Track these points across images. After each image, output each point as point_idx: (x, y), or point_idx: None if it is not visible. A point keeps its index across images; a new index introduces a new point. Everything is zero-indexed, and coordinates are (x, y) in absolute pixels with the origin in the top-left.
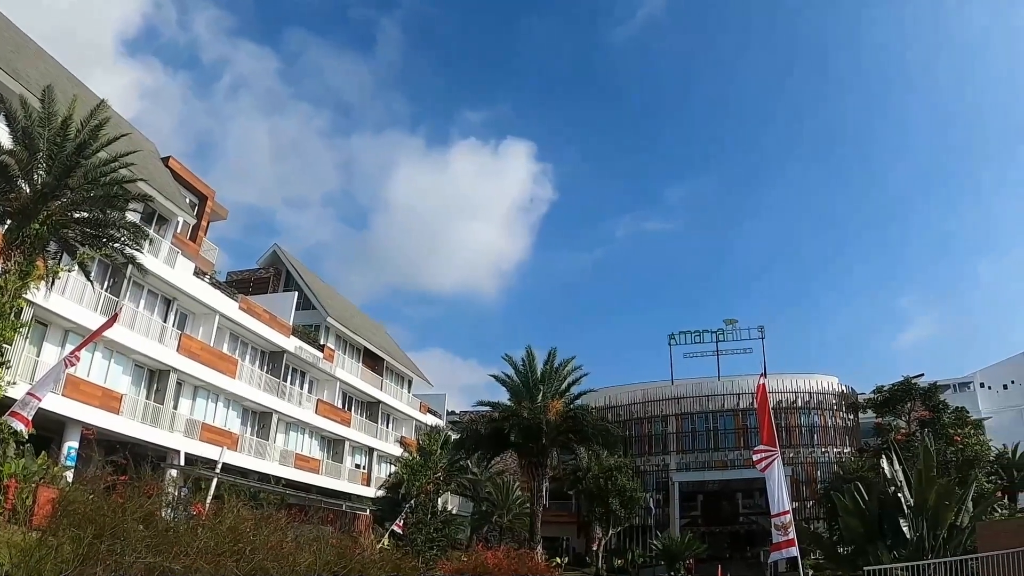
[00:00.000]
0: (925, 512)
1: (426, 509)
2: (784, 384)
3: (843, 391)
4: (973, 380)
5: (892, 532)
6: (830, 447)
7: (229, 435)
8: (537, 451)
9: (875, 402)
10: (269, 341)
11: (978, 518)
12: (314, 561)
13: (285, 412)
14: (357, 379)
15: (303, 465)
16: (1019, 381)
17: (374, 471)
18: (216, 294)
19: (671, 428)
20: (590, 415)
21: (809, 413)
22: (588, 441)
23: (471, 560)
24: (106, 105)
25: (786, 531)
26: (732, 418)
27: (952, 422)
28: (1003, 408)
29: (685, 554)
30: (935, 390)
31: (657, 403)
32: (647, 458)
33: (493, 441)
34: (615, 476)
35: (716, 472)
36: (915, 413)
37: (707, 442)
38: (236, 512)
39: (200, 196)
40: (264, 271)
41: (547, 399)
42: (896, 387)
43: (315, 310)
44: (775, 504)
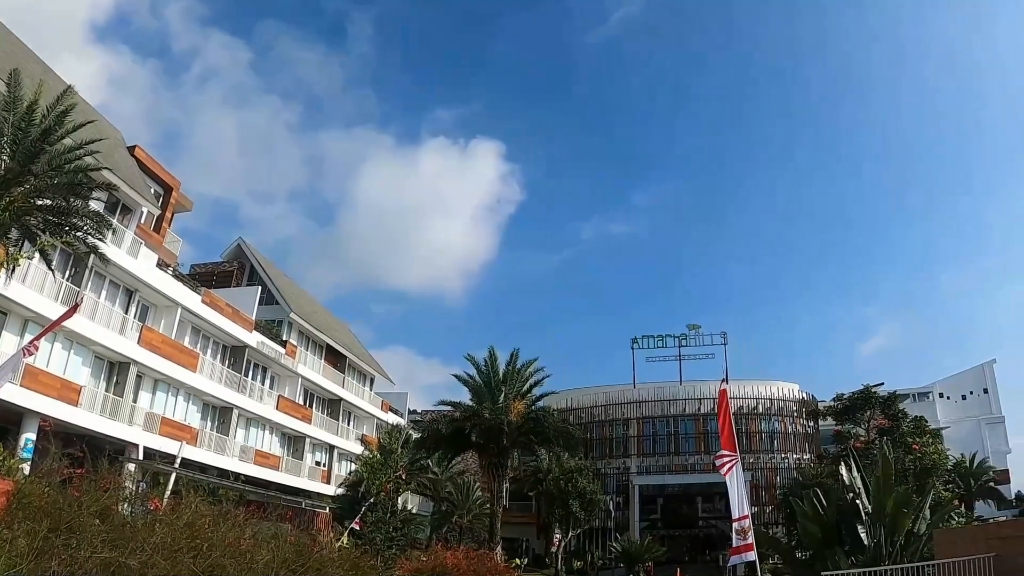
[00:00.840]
0: (883, 519)
1: (386, 508)
2: (745, 390)
3: (804, 398)
4: (932, 390)
5: (850, 538)
6: (790, 453)
7: (189, 430)
8: (498, 452)
9: (835, 410)
10: (231, 335)
11: (935, 525)
12: (272, 559)
13: (246, 408)
14: (319, 376)
15: (263, 462)
16: (977, 392)
17: (334, 469)
18: (179, 287)
19: (632, 431)
20: (551, 417)
21: (770, 419)
22: (549, 443)
23: (430, 560)
24: (73, 91)
25: (745, 535)
26: (693, 423)
27: (911, 431)
28: (961, 418)
29: (644, 557)
30: (894, 399)
31: (619, 406)
32: (608, 461)
33: (454, 441)
34: (575, 478)
35: (676, 476)
36: (874, 421)
37: (668, 446)
38: (194, 508)
39: (165, 187)
40: (228, 265)
41: (509, 400)
42: (856, 395)
43: (278, 305)
44: (735, 508)
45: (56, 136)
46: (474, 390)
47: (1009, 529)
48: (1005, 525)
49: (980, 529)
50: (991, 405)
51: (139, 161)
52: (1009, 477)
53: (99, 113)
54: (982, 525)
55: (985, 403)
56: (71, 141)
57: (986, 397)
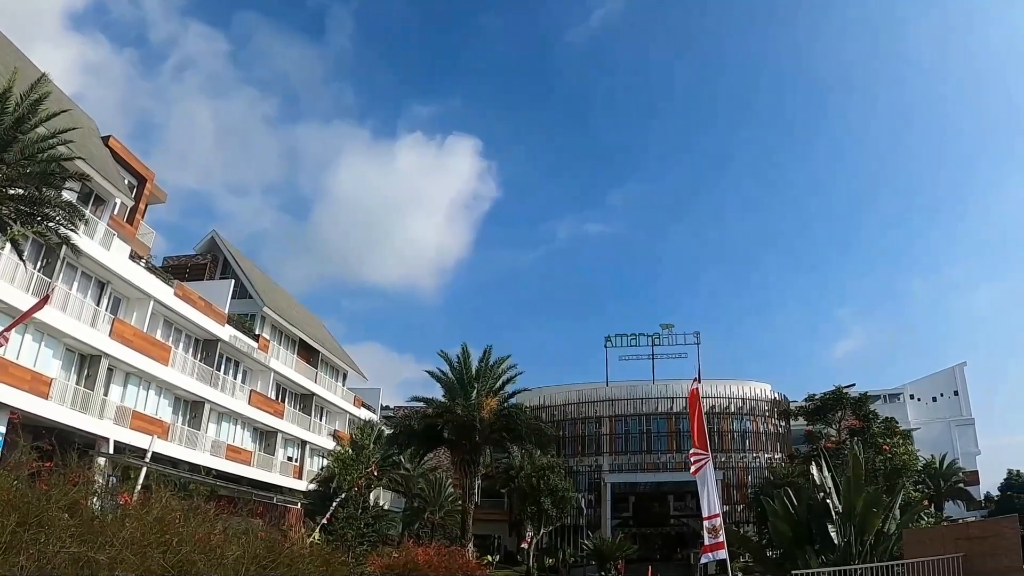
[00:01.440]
0: (853, 518)
1: (357, 504)
2: (718, 390)
3: (776, 398)
4: (903, 392)
5: (820, 537)
6: (761, 453)
7: (160, 424)
8: (470, 448)
9: (807, 410)
10: (203, 329)
11: (904, 525)
12: (242, 554)
13: (217, 402)
14: (291, 371)
15: (234, 456)
16: (947, 394)
17: (306, 464)
18: (151, 279)
19: (604, 429)
20: (524, 414)
21: (742, 419)
22: (521, 440)
23: (401, 556)
24: (47, 79)
25: (716, 534)
26: (665, 421)
27: (881, 432)
28: (931, 420)
29: (616, 555)
30: (865, 400)
31: (591, 404)
32: (580, 459)
33: (426, 437)
34: (547, 475)
35: (648, 474)
36: (845, 422)
37: (640, 444)
38: (164, 502)
39: (139, 178)
40: (201, 257)
41: (481, 397)
42: (828, 396)
43: (251, 299)
44: (706, 507)
45: (29, 125)
46: (447, 387)
47: (977, 530)
48: (974, 526)
49: (949, 529)
50: (961, 407)
51: (113, 151)
52: (978, 478)
53: (74, 102)
54: (951, 525)
55: (955, 405)
56: (45, 130)
57: (956, 399)
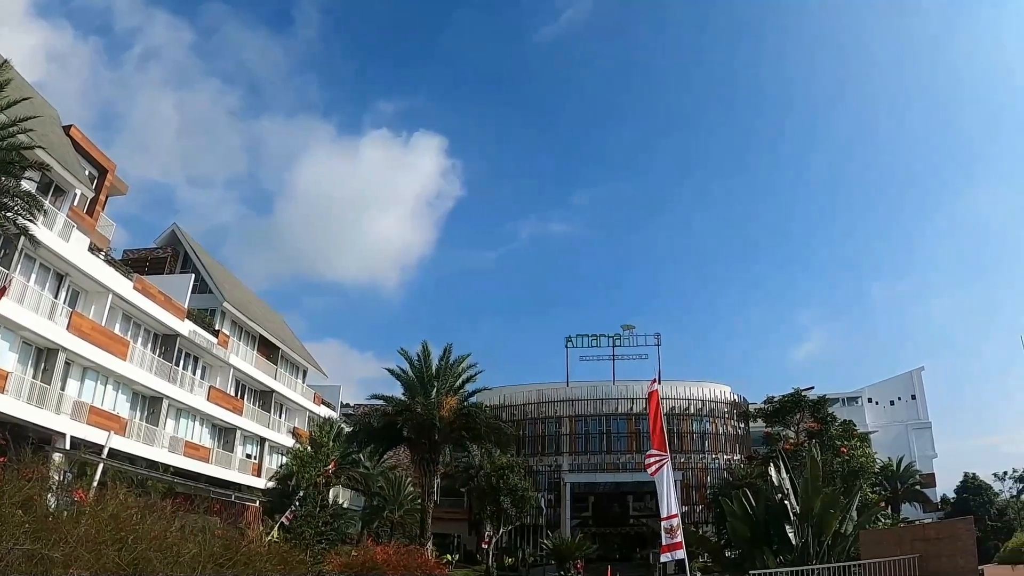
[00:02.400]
0: (810, 519)
1: (316, 502)
2: (678, 391)
3: (735, 400)
4: (861, 395)
5: (778, 538)
6: (720, 454)
7: (117, 419)
8: (430, 447)
9: (765, 412)
10: (163, 323)
11: (861, 526)
12: (199, 552)
13: (176, 398)
14: (251, 367)
15: (193, 453)
16: (905, 398)
17: (265, 462)
18: (111, 272)
19: (564, 429)
20: (484, 413)
21: (701, 420)
22: (481, 439)
23: (360, 555)
24: (9, 66)
25: (674, 534)
26: (625, 422)
27: (839, 434)
28: (889, 423)
29: (575, 554)
30: (824, 403)
31: (551, 404)
32: (540, 458)
33: (386, 435)
34: (507, 475)
35: (608, 474)
36: (804, 424)
37: (600, 445)
38: (120, 499)
39: (100, 169)
40: (161, 251)
41: (441, 395)
42: (786, 398)
43: (211, 294)
44: (664, 507)
45: None
46: (407, 384)
47: (933, 531)
48: (930, 527)
49: (906, 531)
50: (919, 411)
51: (74, 141)
52: (935, 481)
53: (35, 90)
54: (908, 527)
55: (913, 409)
56: (4, 117)
57: (914, 403)
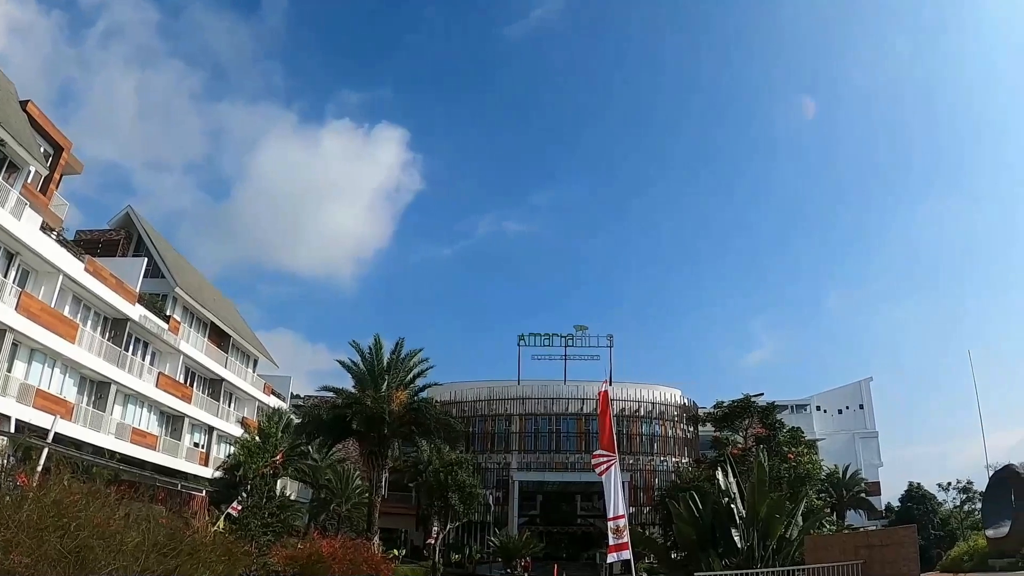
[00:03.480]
0: (756, 523)
1: (263, 493)
2: (628, 393)
3: (685, 403)
4: (810, 403)
5: (724, 541)
6: (669, 456)
7: (64, 403)
8: (378, 441)
9: (715, 416)
10: (113, 307)
11: (806, 532)
12: (143, 541)
13: (124, 383)
14: (201, 354)
15: (140, 440)
16: (853, 407)
17: (213, 451)
18: (62, 253)
19: (514, 427)
20: (434, 408)
21: (651, 422)
22: (430, 434)
23: (306, 548)
24: None
25: (621, 534)
26: (575, 422)
27: (787, 440)
28: (836, 431)
29: (522, 552)
30: (773, 409)
31: (502, 402)
32: (489, 455)
33: (335, 428)
34: (456, 471)
35: (556, 474)
36: (752, 429)
37: (549, 444)
38: (64, 485)
39: (56, 146)
40: (115, 233)
41: (391, 389)
42: (736, 404)
43: (164, 279)
44: (611, 508)
45: None
46: (357, 377)
47: (877, 538)
48: (873, 534)
49: (850, 537)
50: (866, 420)
51: (31, 117)
52: (880, 489)
53: None
54: (852, 533)
55: (860, 418)
56: None
57: (861, 412)
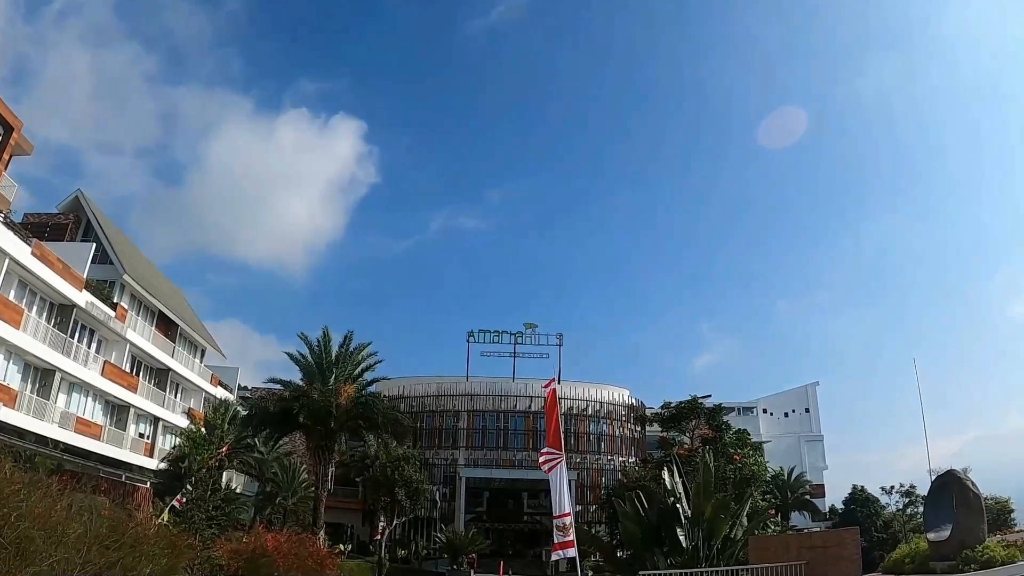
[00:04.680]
0: (701, 523)
1: (208, 486)
2: (577, 392)
3: (633, 404)
4: (757, 406)
5: (669, 540)
6: (616, 456)
7: (7, 391)
8: (325, 434)
9: (662, 417)
10: (59, 293)
11: (751, 532)
12: (84, 532)
13: (69, 371)
14: (148, 343)
15: (84, 430)
16: (799, 411)
17: (159, 442)
18: (9, 235)
19: (462, 424)
20: (381, 403)
21: (599, 422)
22: (378, 429)
23: (251, 541)
24: None
25: (567, 532)
26: (523, 419)
27: (733, 442)
28: (782, 434)
29: (468, 549)
30: (720, 411)
31: (450, 398)
32: (436, 451)
33: (282, 421)
34: (403, 466)
35: (504, 471)
36: (699, 431)
37: (497, 440)
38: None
39: (6, 126)
40: (64, 217)
41: (339, 382)
42: (683, 405)
43: (112, 265)
44: (557, 505)
45: None
46: (305, 370)
47: (820, 540)
48: (817, 536)
49: (794, 538)
50: (812, 424)
51: None
52: (824, 491)
53: None
54: (796, 534)
55: (806, 422)
56: None
57: (807, 416)
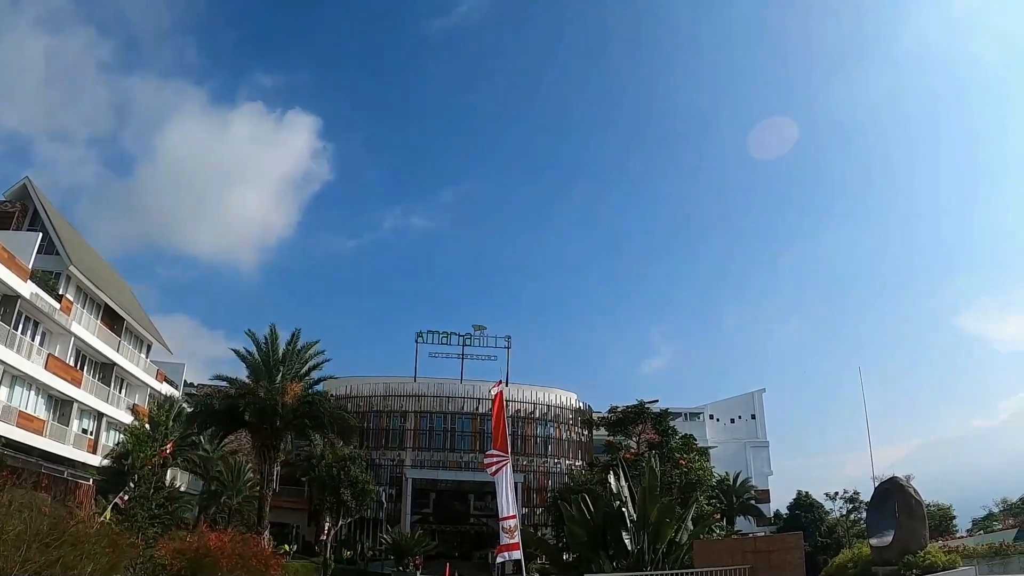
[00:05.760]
0: (647, 527)
1: (151, 483)
2: (524, 394)
3: (580, 407)
4: (703, 412)
5: (615, 543)
6: (563, 459)
7: None
8: (271, 433)
9: (609, 421)
10: (3, 283)
11: (696, 536)
12: (24, 530)
13: (12, 364)
14: (94, 337)
15: (26, 424)
16: (745, 417)
17: (102, 438)
18: None
19: (409, 424)
20: (328, 402)
21: (546, 425)
22: (324, 428)
23: (194, 541)
24: None
25: (512, 534)
26: (470, 421)
27: (679, 447)
28: (728, 440)
29: (414, 550)
30: (666, 416)
31: (398, 398)
32: (383, 452)
33: (227, 418)
34: (348, 466)
35: (450, 472)
36: (645, 435)
37: (443, 442)
38: None
39: None
40: (10, 205)
41: (286, 381)
42: (630, 409)
43: (58, 256)
44: (503, 508)
45: None
46: (252, 368)
47: (764, 544)
48: (761, 540)
49: (738, 542)
50: (757, 430)
51: None
52: (769, 497)
53: None
54: (740, 538)
55: (752, 428)
56: None
57: (753, 422)
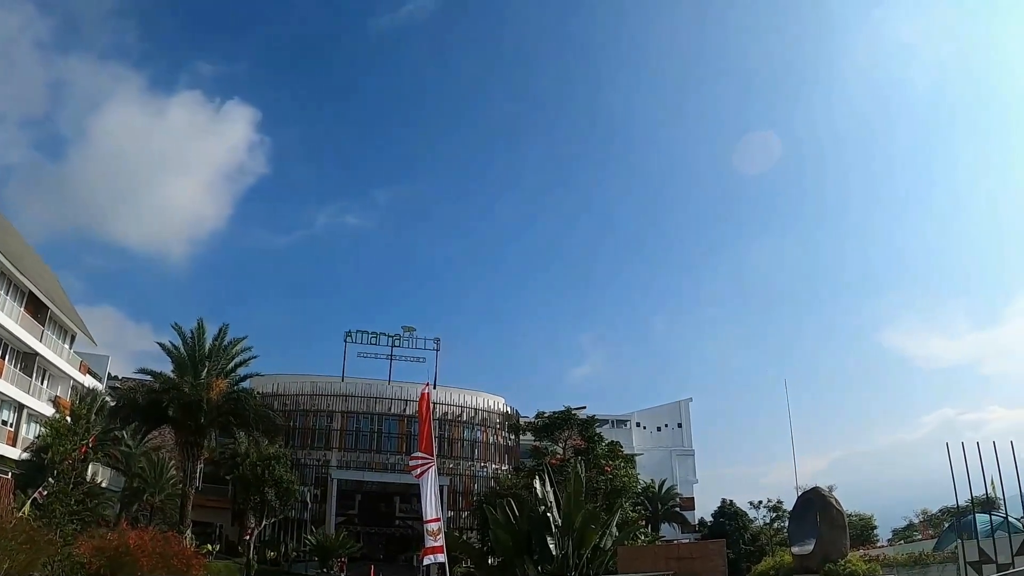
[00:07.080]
0: (571, 532)
1: (71, 479)
2: (452, 397)
3: (507, 412)
4: (631, 419)
5: (539, 548)
6: (489, 463)
7: None
8: (195, 430)
9: (536, 426)
10: None
11: (620, 542)
12: None
13: None
14: (16, 325)
15: None
16: (672, 425)
17: (22, 431)
18: None
19: (336, 424)
20: (254, 399)
21: (473, 428)
22: (249, 426)
23: (114, 539)
24: None
25: (436, 537)
26: (397, 423)
27: (605, 454)
28: (654, 447)
29: (339, 552)
30: (593, 423)
31: (325, 398)
32: (308, 452)
33: (151, 414)
34: (273, 466)
35: (376, 473)
36: (571, 441)
37: (370, 443)
38: None
39: None
40: None
41: (212, 376)
42: (557, 415)
43: None
44: (427, 511)
45: None
46: (177, 362)
47: (687, 550)
48: (684, 547)
49: (662, 548)
50: (683, 439)
51: None
52: (694, 504)
53: None
54: (664, 545)
55: (678, 436)
56: None
57: (680, 431)
